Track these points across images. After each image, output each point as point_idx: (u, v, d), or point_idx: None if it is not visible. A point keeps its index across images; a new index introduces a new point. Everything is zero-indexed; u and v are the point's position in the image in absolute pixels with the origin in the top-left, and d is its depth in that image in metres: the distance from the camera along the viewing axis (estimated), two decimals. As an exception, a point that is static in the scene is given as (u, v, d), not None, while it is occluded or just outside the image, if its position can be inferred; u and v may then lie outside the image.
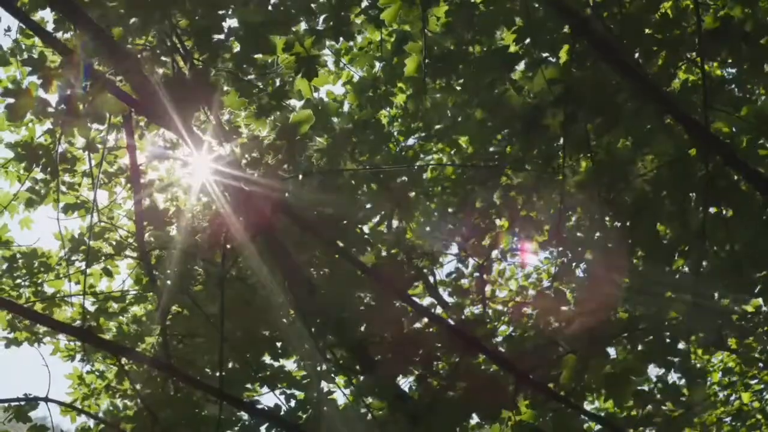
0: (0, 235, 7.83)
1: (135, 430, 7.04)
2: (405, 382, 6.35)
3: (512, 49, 5.66)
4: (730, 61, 5.31)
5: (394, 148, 6.89)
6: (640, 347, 5.41)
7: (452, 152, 6.95)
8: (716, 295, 5.34)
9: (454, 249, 7.15)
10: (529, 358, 5.73)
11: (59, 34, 5.89)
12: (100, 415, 8.31)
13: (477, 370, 5.81)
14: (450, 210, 6.59)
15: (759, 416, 7.32)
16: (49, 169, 6.81)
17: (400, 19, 6.06)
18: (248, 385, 7.12)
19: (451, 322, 6.25)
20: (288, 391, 7.11)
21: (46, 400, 7.13)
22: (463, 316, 6.91)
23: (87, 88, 5.56)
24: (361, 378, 6.78)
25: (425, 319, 6.15)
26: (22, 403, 7.18)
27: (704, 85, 5.19)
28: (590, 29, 5.30)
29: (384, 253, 6.58)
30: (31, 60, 5.70)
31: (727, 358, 7.58)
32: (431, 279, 7.69)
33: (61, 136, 6.39)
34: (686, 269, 5.50)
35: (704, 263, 5.34)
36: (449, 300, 7.47)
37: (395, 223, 6.85)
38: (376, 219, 6.73)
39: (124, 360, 7.25)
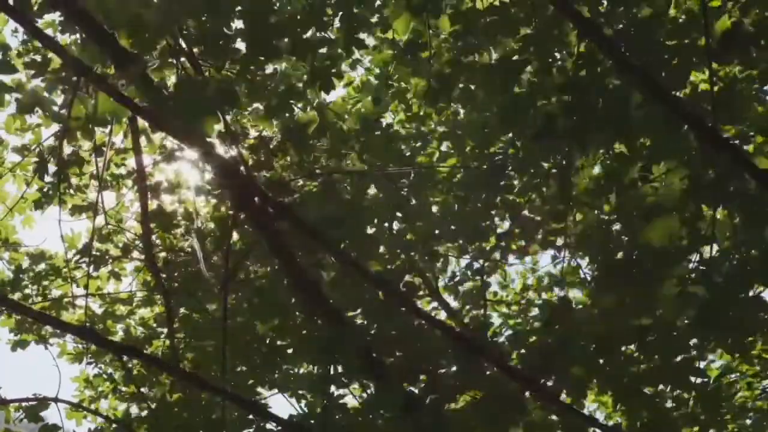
0: (8, 236, 7.85)
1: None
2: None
3: (519, 57, 5.60)
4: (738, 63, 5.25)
5: (399, 149, 6.87)
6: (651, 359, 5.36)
7: (456, 154, 6.93)
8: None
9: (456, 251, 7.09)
10: (535, 365, 5.69)
11: (66, 36, 5.88)
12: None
13: (483, 377, 5.77)
14: (453, 211, 6.55)
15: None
16: (59, 174, 6.81)
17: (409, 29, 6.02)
18: (258, 389, 7.11)
19: (456, 329, 6.20)
20: (300, 392, 7.11)
21: (56, 400, 7.17)
22: (466, 320, 6.88)
23: (90, 92, 5.56)
24: (371, 383, 6.75)
25: (430, 326, 6.13)
26: (33, 403, 7.22)
27: (712, 88, 5.14)
28: (598, 31, 5.26)
29: (387, 256, 6.55)
30: (34, 62, 5.71)
31: (726, 356, 7.48)
32: (434, 283, 7.65)
33: (65, 139, 6.37)
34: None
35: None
36: (453, 303, 7.44)
37: (396, 225, 6.82)
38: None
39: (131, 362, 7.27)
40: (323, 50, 6.03)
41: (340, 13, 6.00)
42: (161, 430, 6.75)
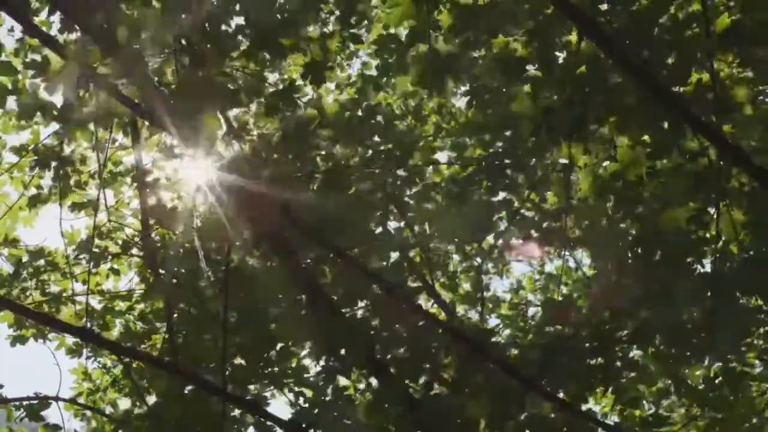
0: (7, 234, 7.83)
1: (145, 429, 7.06)
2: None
3: (520, 53, 5.59)
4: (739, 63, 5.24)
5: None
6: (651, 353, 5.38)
7: (454, 151, 6.94)
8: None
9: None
10: (536, 363, 5.70)
11: (64, 35, 5.84)
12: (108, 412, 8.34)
13: (483, 376, 5.78)
14: (451, 210, 6.55)
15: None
16: (58, 171, 6.81)
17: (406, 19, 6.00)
18: (255, 384, 7.11)
19: (456, 327, 6.21)
20: (297, 389, 7.12)
21: (57, 399, 7.21)
22: (464, 319, 6.90)
23: (90, 92, 5.55)
24: (371, 381, 6.78)
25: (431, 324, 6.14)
26: (33, 402, 7.26)
27: (714, 87, 5.14)
28: (598, 30, 5.25)
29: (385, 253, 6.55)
30: (34, 62, 5.68)
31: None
32: (431, 280, 7.64)
33: (66, 138, 6.37)
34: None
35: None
36: (449, 301, 7.44)
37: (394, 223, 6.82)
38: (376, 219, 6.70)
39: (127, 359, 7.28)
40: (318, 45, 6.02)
41: (337, 12, 5.99)
42: (161, 426, 6.75)
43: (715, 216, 5.12)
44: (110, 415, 7.74)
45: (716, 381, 5.36)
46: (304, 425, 6.38)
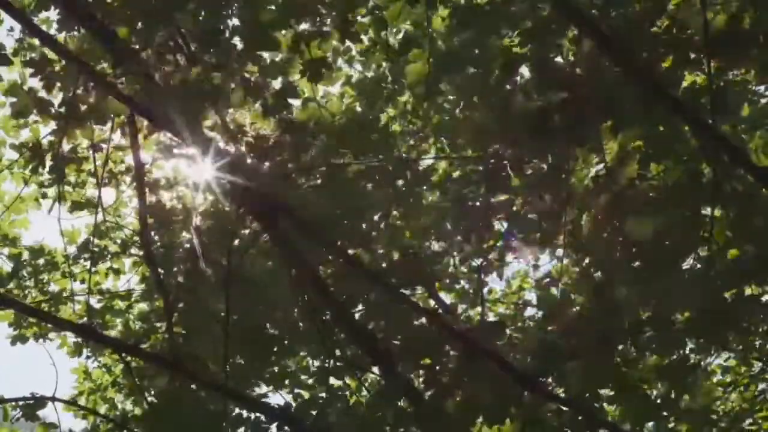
0: (7, 232, 7.84)
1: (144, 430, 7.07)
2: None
3: (516, 50, 5.60)
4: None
5: (395, 146, 6.88)
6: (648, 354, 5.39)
7: (452, 152, 6.95)
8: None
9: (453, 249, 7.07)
10: (533, 360, 5.71)
11: (63, 34, 5.85)
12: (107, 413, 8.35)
13: (482, 374, 5.79)
14: (449, 209, 6.55)
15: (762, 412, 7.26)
16: (56, 170, 6.81)
17: (404, 18, 6.01)
18: (255, 384, 7.12)
19: (454, 326, 6.22)
20: (296, 390, 7.14)
21: (53, 399, 7.18)
22: (462, 318, 6.91)
23: (89, 90, 5.57)
24: (370, 376, 6.79)
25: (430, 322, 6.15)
26: (30, 402, 7.24)
27: (711, 86, 5.14)
28: (596, 29, 5.26)
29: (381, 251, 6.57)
30: (33, 61, 5.70)
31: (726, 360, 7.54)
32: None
33: (64, 136, 6.37)
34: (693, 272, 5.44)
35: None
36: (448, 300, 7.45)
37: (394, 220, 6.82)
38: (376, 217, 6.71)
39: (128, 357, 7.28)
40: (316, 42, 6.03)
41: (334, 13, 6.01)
42: (161, 425, 6.76)
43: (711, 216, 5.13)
44: (107, 416, 7.74)
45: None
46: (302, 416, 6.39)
